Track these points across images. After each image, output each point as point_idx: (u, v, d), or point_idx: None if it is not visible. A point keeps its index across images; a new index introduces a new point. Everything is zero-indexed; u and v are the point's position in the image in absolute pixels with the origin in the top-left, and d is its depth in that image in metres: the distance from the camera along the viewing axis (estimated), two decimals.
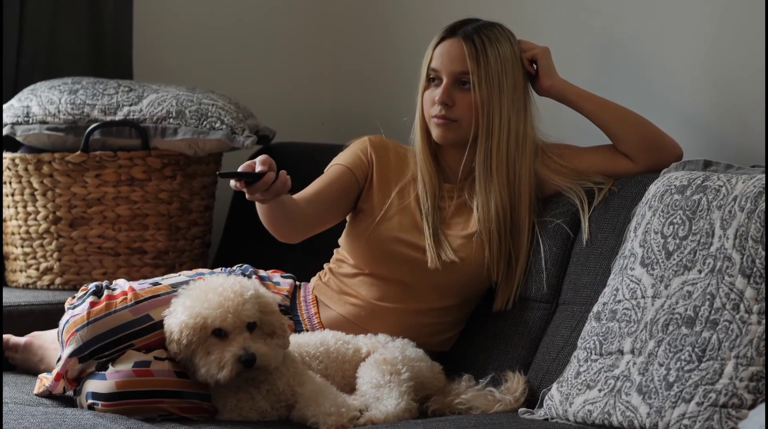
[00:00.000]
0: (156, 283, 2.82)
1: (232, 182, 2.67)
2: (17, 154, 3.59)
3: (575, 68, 3.04)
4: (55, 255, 3.58)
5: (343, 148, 3.04)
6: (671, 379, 2.35)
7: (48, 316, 3.23)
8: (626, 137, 2.90)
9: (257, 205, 2.80)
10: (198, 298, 2.61)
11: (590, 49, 3.31)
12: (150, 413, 2.64)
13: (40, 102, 3.57)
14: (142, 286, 2.80)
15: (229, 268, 3.00)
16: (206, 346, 2.59)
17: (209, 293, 2.60)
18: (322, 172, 3.00)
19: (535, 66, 2.93)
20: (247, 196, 2.70)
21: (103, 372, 2.67)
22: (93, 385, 2.67)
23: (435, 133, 2.92)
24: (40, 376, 2.86)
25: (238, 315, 2.58)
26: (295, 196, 2.89)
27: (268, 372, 2.61)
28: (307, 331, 2.89)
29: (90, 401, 2.65)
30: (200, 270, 2.95)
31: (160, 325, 2.70)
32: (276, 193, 2.69)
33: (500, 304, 2.90)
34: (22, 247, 3.61)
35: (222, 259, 3.72)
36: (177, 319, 2.61)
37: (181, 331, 2.58)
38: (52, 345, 3.01)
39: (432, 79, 2.92)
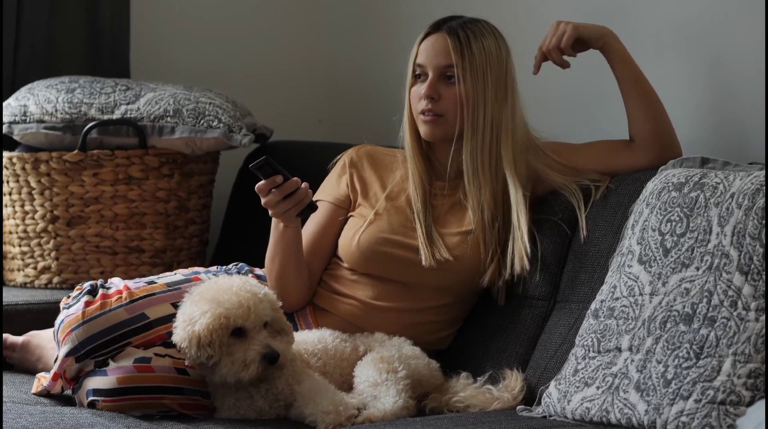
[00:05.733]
0: (151, 282, 2.82)
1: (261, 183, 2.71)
2: (15, 153, 3.59)
3: (573, 63, 3.03)
4: (53, 254, 3.57)
5: (331, 169, 3.03)
6: (669, 377, 2.35)
7: (46, 315, 3.23)
8: (643, 122, 2.86)
9: (276, 248, 2.84)
10: (213, 299, 2.59)
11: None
12: (151, 409, 2.64)
13: (37, 101, 3.57)
14: (137, 284, 2.80)
15: (225, 267, 3.00)
16: (226, 346, 2.58)
17: (225, 294, 2.59)
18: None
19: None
20: (273, 198, 2.72)
21: (104, 368, 2.67)
22: (94, 382, 2.67)
23: (423, 130, 2.91)
24: (38, 375, 2.86)
25: (257, 313, 2.58)
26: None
27: (276, 370, 2.61)
28: (303, 330, 2.89)
29: (91, 398, 2.65)
30: (195, 269, 2.94)
31: (155, 323, 2.70)
32: (298, 201, 2.73)
33: (489, 280, 2.88)
34: (20, 246, 3.61)
35: (219, 257, 3.71)
36: (201, 324, 2.56)
37: (211, 334, 2.55)
38: (50, 344, 3.01)
39: (418, 75, 2.92)
